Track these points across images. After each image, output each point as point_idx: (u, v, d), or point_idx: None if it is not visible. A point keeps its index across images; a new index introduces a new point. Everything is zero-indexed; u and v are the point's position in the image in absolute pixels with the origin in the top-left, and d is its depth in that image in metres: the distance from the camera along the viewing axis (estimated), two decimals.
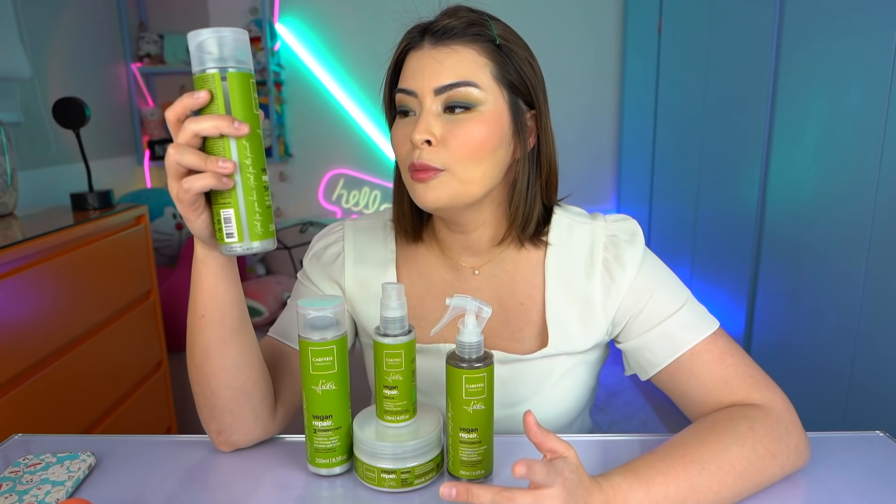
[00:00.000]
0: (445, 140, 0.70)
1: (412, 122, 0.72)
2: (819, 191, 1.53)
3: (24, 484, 0.66)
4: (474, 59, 0.71)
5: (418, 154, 0.70)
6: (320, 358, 0.65)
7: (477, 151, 0.70)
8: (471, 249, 0.81)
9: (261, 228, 0.58)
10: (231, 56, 0.55)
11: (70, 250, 1.36)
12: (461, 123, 0.70)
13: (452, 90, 0.70)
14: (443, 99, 0.70)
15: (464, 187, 0.71)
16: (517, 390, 0.79)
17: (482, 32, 0.72)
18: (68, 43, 2.23)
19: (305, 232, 2.71)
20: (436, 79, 0.70)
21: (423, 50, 0.72)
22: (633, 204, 2.84)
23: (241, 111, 0.56)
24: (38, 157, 1.99)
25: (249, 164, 0.56)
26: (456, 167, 0.70)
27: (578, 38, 2.86)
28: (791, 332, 1.66)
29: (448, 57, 0.70)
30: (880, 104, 1.31)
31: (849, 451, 0.73)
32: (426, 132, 0.69)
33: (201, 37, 0.54)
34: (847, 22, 1.42)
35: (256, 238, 0.58)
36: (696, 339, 0.73)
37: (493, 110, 0.71)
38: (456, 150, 0.70)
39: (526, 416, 0.56)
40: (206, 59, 0.55)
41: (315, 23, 2.85)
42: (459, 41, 0.71)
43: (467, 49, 0.71)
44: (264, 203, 0.58)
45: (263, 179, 0.58)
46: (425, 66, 0.71)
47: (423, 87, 0.71)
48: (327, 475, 0.69)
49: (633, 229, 0.80)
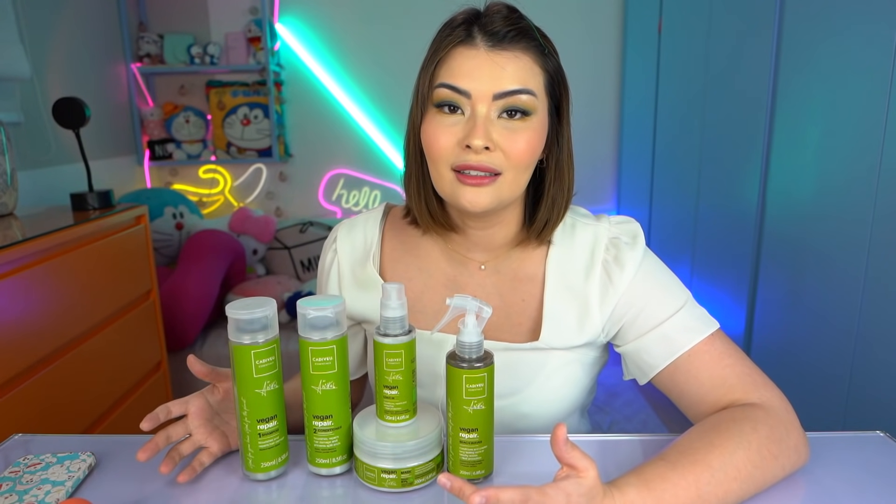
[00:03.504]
0: (502, 146, 0.70)
1: (460, 123, 0.71)
2: (819, 190, 1.53)
3: (24, 484, 0.66)
4: (531, 68, 0.71)
5: (476, 158, 0.69)
6: (320, 358, 0.65)
7: (531, 157, 0.72)
8: (482, 245, 0.81)
9: (252, 465, 0.68)
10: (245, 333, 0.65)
11: (70, 250, 1.36)
12: (518, 131, 0.71)
13: (514, 97, 0.70)
14: (501, 104, 0.70)
15: (511, 192, 0.73)
16: (509, 381, 0.79)
17: (533, 38, 0.72)
18: (68, 43, 2.23)
19: (305, 232, 2.71)
20: (497, 84, 0.70)
21: (479, 50, 0.71)
22: (633, 204, 2.84)
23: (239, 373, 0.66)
24: (38, 157, 1.99)
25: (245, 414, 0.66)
26: (511, 173, 0.71)
27: (578, 38, 2.86)
28: (791, 332, 1.66)
29: (510, 62, 0.70)
30: (880, 104, 1.31)
31: (849, 451, 0.73)
32: (486, 138, 0.69)
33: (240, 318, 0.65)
34: (847, 22, 1.42)
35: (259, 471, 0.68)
36: (694, 339, 0.73)
37: (541, 119, 0.73)
38: (514, 157, 0.70)
39: (556, 430, 0.54)
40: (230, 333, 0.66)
41: (315, 23, 2.85)
42: (518, 46, 0.71)
43: (526, 56, 0.71)
44: (255, 444, 0.67)
45: (258, 427, 0.66)
46: (484, 69, 0.70)
47: (481, 91, 0.70)
48: (327, 475, 0.69)
49: (634, 231, 0.80)
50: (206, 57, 2.72)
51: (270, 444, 0.67)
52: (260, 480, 0.68)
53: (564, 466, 0.55)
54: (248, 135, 2.83)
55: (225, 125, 2.83)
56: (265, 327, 0.65)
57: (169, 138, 2.85)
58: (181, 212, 2.53)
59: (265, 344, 0.65)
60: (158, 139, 2.81)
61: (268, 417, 0.67)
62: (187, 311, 2.10)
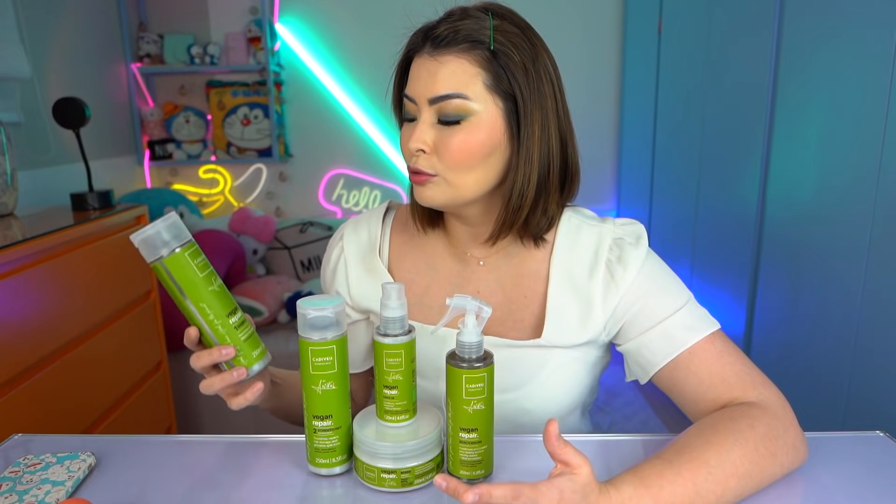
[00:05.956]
0: (437, 149, 0.73)
1: (412, 128, 0.75)
2: (819, 191, 1.53)
3: (24, 484, 0.66)
4: (465, 70, 0.71)
5: (414, 160, 0.74)
6: (320, 358, 0.65)
7: (467, 160, 0.73)
8: (477, 241, 0.83)
9: (244, 360, 0.67)
10: (162, 245, 0.63)
11: (70, 250, 1.36)
12: (452, 134, 0.72)
13: (443, 101, 0.72)
14: (435, 109, 0.73)
15: (456, 191, 0.75)
16: (510, 377, 0.80)
17: (479, 39, 0.71)
18: (68, 43, 2.23)
19: (305, 232, 2.71)
20: (429, 89, 0.72)
21: (423, 57, 0.73)
22: (633, 204, 2.84)
23: (185, 283, 0.64)
24: (38, 157, 1.99)
25: (213, 318, 0.65)
26: (447, 174, 0.74)
27: (578, 38, 2.86)
28: (791, 332, 1.66)
29: (440, 68, 0.72)
30: (880, 104, 1.31)
31: (849, 451, 0.73)
32: (419, 141, 0.73)
33: (135, 241, 0.63)
34: (847, 22, 1.42)
35: (250, 363, 0.67)
36: (695, 338, 0.74)
37: (487, 119, 0.72)
38: (446, 160, 0.73)
39: (548, 425, 0.55)
40: (147, 255, 0.64)
41: (315, 23, 2.85)
42: (454, 51, 0.72)
43: (459, 59, 0.71)
44: (238, 340, 0.66)
45: (231, 322, 0.66)
46: (422, 76, 0.73)
47: (420, 96, 0.73)
48: (327, 475, 0.69)
49: (638, 232, 0.81)
50: (206, 57, 2.72)
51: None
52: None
53: (558, 463, 0.56)
54: (248, 135, 2.83)
55: (225, 125, 2.83)
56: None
57: (169, 138, 2.85)
58: (181, 212, 2.53)
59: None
60: (158, 139, 2.81)
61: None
62: None
